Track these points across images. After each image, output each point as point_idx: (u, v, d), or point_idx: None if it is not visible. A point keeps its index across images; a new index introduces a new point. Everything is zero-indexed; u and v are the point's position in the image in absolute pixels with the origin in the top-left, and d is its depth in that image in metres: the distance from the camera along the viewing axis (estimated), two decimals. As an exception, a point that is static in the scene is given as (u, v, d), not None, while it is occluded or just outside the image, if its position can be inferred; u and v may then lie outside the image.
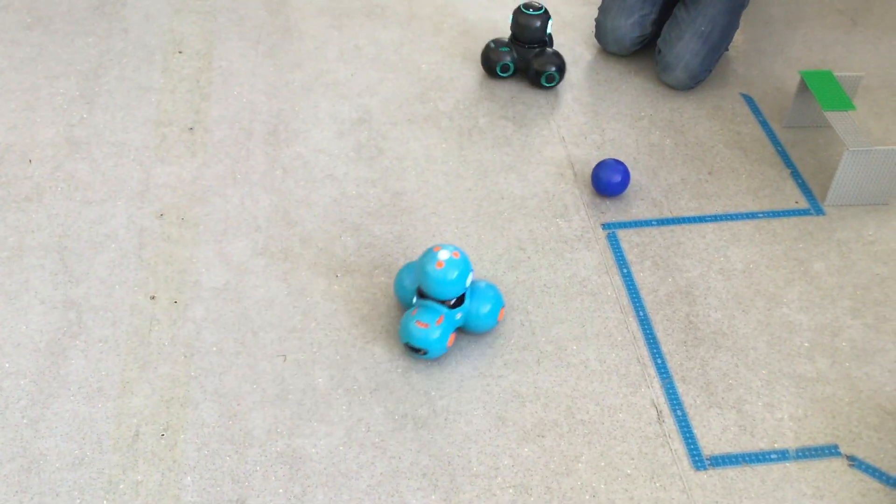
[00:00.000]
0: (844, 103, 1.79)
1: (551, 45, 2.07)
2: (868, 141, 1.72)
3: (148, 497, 1.31)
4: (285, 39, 2.17)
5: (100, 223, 1.70)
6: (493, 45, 2.05)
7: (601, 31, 2.12)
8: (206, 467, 1.34)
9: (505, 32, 2.18)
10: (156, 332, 1.51)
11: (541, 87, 2.04)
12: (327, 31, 2.20)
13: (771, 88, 2.07)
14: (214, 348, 1.49)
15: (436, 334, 1.44)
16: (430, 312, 1.45)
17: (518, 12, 2.01)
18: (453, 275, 1.43)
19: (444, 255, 1.44)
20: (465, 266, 1.45)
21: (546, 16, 2.01)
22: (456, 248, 1.46)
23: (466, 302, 1.49)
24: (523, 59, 2.04)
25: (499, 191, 1.80)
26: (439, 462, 1.36)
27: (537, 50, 2.03)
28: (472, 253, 1.67)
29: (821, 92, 1.82)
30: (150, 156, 1.85)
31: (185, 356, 1.48)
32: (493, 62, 2.04)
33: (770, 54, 2.18)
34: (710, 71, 2.04)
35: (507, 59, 2.03)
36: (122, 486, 1.32)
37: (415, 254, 1.66)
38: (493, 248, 1.69)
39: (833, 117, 1.76)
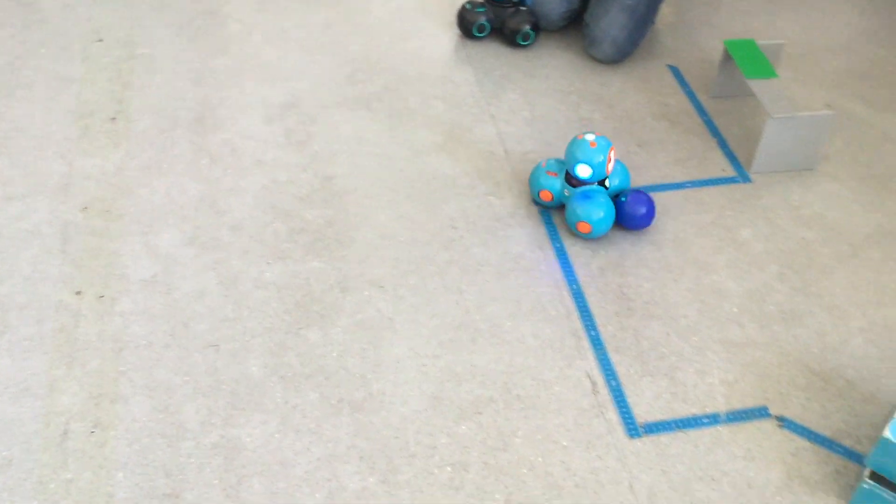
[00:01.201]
0: (767, 71, 1.82)
1: (525, 3, 2.09)
2: (791, 107, 1.75)
3: (79, 496, 1.28)
4: (210, 24, 2.13)
5: (21, 219, 1.66)
6: (468, 5, 2.07)
7: (531, 5, 2.12)
8: (138, 462, 1.32)
9: (434, 12, 2.17)
10: (82, 328, 1.48)
11: (516, 45, 2.08)
12: (253, 15, 2.17)
13: (697, 59, 2.09)
14: (144, 342, 1.47)
15: (539, 175, 1.67)
16: (558, 165, 1.67)
17: None
18: (571, 150, 1.61)
19: (588, 136, 1.61)
20: (583, 153, 1.59)
21: None
22: (600, 140, 1.60)
23: (578, 190, 1.63)
24: (498, 18, 2.07)
25: (430, 171, 1.80)
26: (376, 444, 1.35)
27: (512, 9, 2.06)
28: (405, 234, 1.66)
29: (744, 61, 1.84)
30: (72, 148, 1.80)
31: (114, 351, 1.45)
32: (469, 23, 2.07)
33: (695, 25, 2.20)
34: (637, 45, 2.05)
35: (483, 20, 2.06)
36: (52, 486, 1.29)
37: (347, 237, 1.65)
38: (427, 227, 1.68)
39: (756, 85, 1.79)
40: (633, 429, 1.39)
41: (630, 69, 2.06)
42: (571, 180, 1.65)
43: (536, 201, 1.70)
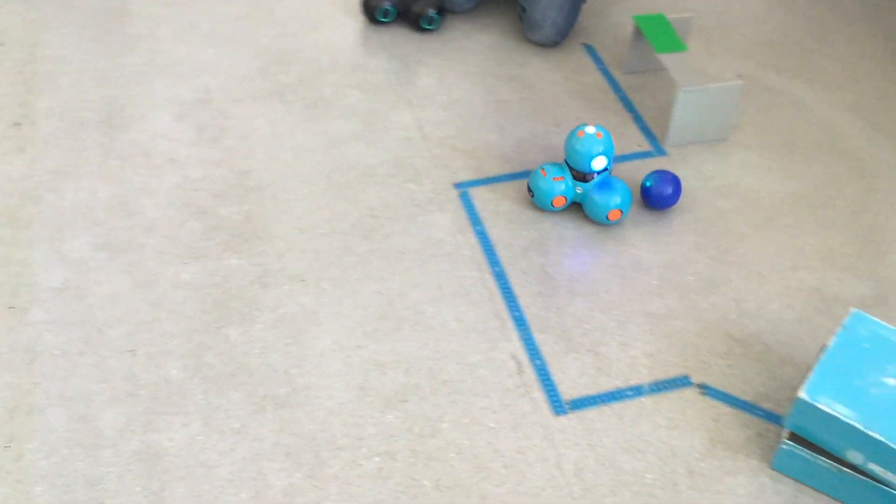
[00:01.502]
0: (677, 45, 1.84)
1: None
2: (700, 79, 1.77)
3: (-5, 514, 1.24)
4: (115, 23, 2.08)
5: (-77, 233, 1.60)
6: None
7: None
8: (57, 474, 1.28)
9: (342, 4, 2.15)
10: (-8, 341, 1.44)
11: (421, 30, 2.06)
12: (159, 11, 2.11)
13: (610, 36, 2.11)
14: (58, 351, 1.43)
15: (546, 185, 1.63)
16: (557, 169, 1.64)
17: None
18: (583, 147, 1.59)
19: (589, 129, 1.60)
20: (595, 146, 1.59)
21: None
22: (602, 130, 1.60)
23: (592, 184, 1.62)
24: (403, 2, 2.05)
25: (348, 161, 1.78)
26: (302, 440, 1.34)
27: None
28: (324, 226, 1.64)
29: (654, 35, 1.86)
30: (-25, 156, 1.74)
31: (26, 362, 1.41)
32: (373, 8, 2.05)
33: (608, 3, 2.22)
34: (574, 25, 2.06)
35: (387, 4, 2.04)
36: (-34, 506, 1.25)
37: (266, 232, 1.63)
38: (346, 218, 1.66)
39: (666, 59, 1.81)
40: (559, 406, 1.39)
41: (545, 50, 2.06)
42: (580, 176, 1.63)
43: (548, 209, 1.66)
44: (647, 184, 1.67)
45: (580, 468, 1.32)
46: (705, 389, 1.42)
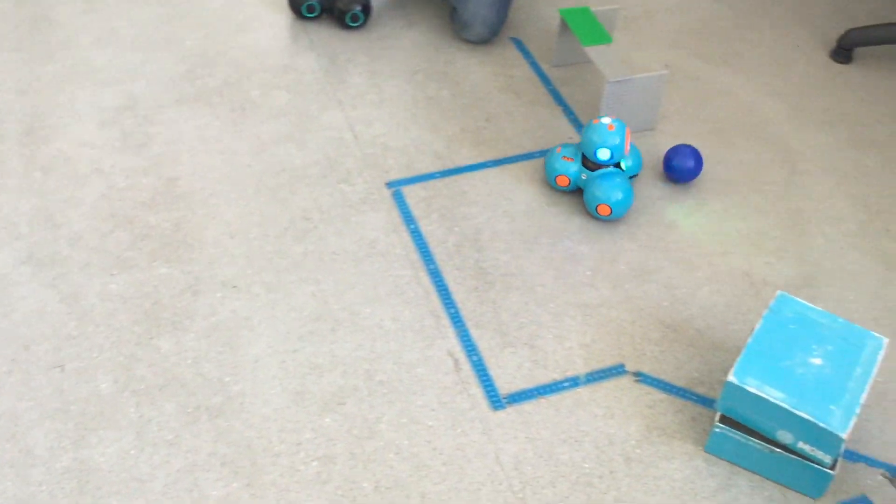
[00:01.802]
0: (602, 37, 1.85)
1: None
2: (626, 70, 1.78)
3: (-80, 542, 1.21)
4: (34, 30, 2.02)
5: None
6: None
7: None
8: (-16, 498, 1.25)
9: (268, 4, 2.12)
10: (-88, 364, 1.39)
11: (346, 27, 2.05)
12: (80, 17, 2.07)
13: (537, 30, 2.12)
14: (-18, 370, 1.39)
15: (554, 162, 1.67)
16: (571, 150, 1.66)
17: None
18: (592, 135, 1.61)
19: (605, 119, 1.62)
20: (603, 136, 1.60)
21: None
22: (617, 123, 1.61)
23: (596, 173, 1.63)
24: None
25: (278, 163, 1.76)
26: (238, 448, 1.32)
27: None
28: (256, 230, 1.62)
29: (580, 28, 1.87)
30: None
31: (-51, 384, 1.37)
32: (299, 3, 2.04)
33: (536, -4, 2.23)
34: (505, 20, 2.06)
35: (313, 0, 2.02)
36: None
37: (196, 239, 1.60)
38: (278, 221, 1.65)
39: (592, 52, 1.82)
40: (497, 401, 1.40)
41: (474, 45, 2.06)
42: (588, 164, 1.64)
43: (554, 187, 1.69)
44: (670, 156, 1.72)
45: (519, 462, 1.32)
46: (640, 377, 1.43)
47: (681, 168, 1.71)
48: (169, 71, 1.94)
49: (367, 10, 2.05)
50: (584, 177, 1.66)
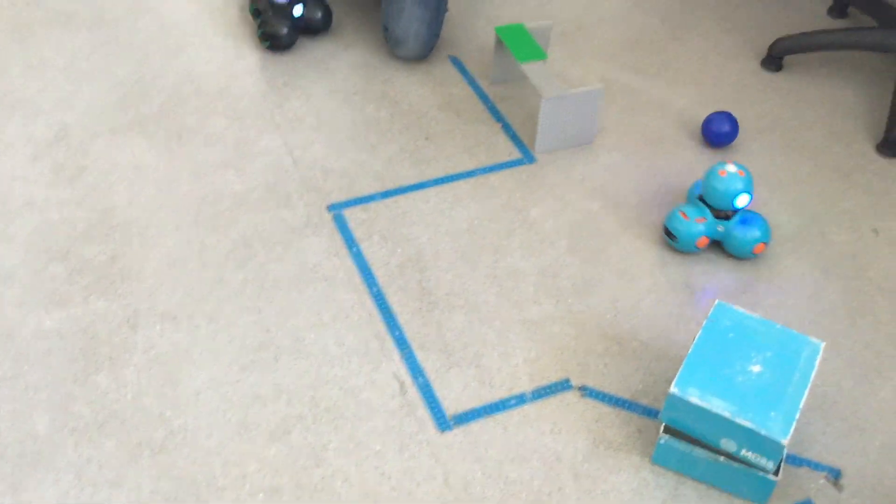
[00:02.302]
0: (537, 53, 1.87)
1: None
2: (562, 87, 1.80)
3: None
4: (-40, 62, 1.98)
5: None
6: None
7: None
8: (-84, 550, 1.21)
9: (207, 22, 2.10)
10: None
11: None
12: (7, 47, 2.02)
13: (475, 48, 2.13)
14: (-89, 417, 1.34)
15: (690, 228, 1.61)
16: (697, 210, 1.62)
17: None
18: (726, 186, 1.59)
19: (731, 167, 1.60)
20: (737, 184, 1.59)
21: None
22: (743, 168, 1.61)
23: (734, 220, 1.62)
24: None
25: (217, 190, 1.74)
26: (182, 483, 1.29)
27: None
28: (195, 259, 1.60)
29: (515, 45, 1.89)
30: None
31: None
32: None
33: (472, 13, 2.24)
34: (439, 35, 2.06)
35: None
36: None
37: (133, 271, 1.57)
38: (218, 249, 1.62)
39: (528, 68, 1.83)
40: (444, 423, 1.39)
41: (412, 64, 2.07)
42: (720, 214, 1.62)
43: (693, 251, 1.64)
44: (710, 121, 1.85)
45: (468, 482, 1.32)
46: (585, 391, 1.44)
47: (718, 132, 1.85)
48: (102, 100, 1.91)
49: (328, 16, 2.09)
50: (720, 228, 1.63)
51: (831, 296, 1.60)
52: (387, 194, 1.75)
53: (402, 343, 1.50)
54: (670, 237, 1.64)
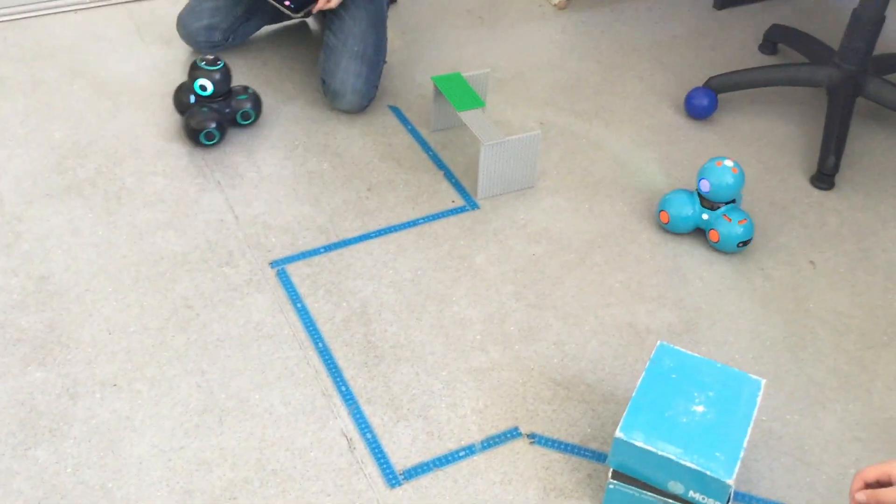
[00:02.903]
0: (475, 101, 1.89)
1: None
2: (500, 133, 1.82)
3: None
4: None
5: None
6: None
7: (177, 26, 2.19)
8: None
9: (145, 82, 2.09)
10: None
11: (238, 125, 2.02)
12: (-61, 115, 2.00)
13: (415, 96, 2.14)
14: None
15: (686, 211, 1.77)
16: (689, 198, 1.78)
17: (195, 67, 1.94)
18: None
19: (728, 162, 1.73)
20: (724, 180, 1.73)
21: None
22: (738, 166, 1.74)
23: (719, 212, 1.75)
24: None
25: (157, 251, 1.72)
26: (125, 558, 1.26)
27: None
28: (134, 323, 1.57)
29: (453, 94, 1.91)
30: None
31: None
32: (198, 130, 1.92)
33: (410, 63, 2.26)
34: (377, 86, 2.08)
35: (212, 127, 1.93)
36: None
37: (72, 339, 1.54)
38: (159, 312, 1.60)
39: (466, 116, 1.85)
40: (393, 478, 1.38)
41: (353, 115, 2.07)
42: (707, 204, 1.77)
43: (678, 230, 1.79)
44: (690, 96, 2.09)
45: (419, 540, 1.30)
46: (534, 438, 1.44)
47: (698, 105, 2.08)
48: (36, 164, 1.88)
49: (222, 128, 1.95)
50: (705, 217, 1.76)
51: (772, 330, 1.62)
52: (330, 248, 1.75)
53: (349, 399, 1.48)
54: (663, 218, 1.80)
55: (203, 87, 1.92)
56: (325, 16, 2.11)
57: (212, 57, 1.93)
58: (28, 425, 1.41)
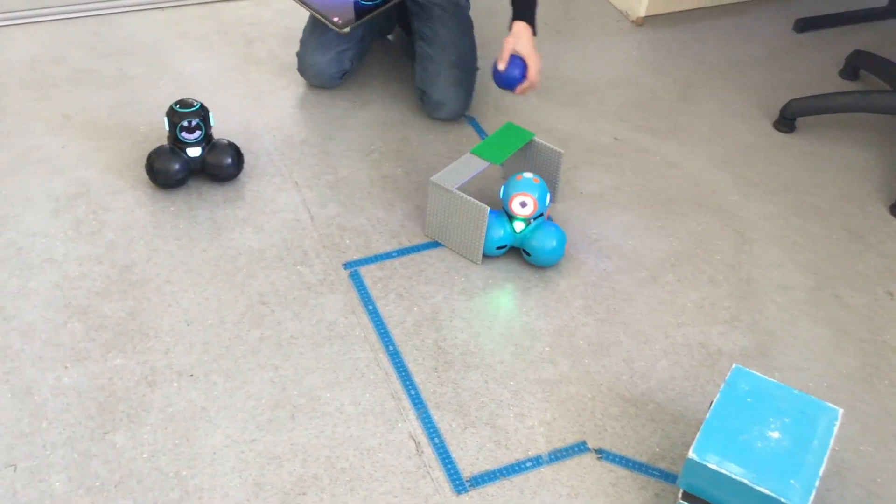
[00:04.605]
0: (494, 156, 1.79)
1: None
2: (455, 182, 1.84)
3: None
4: (-16, 118, 2.02)
5: None
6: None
7: (301, 66, 2.14)
8: None
9: (226, 81, 2.14)
10: None
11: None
12: (31, 105, 2.06)
13: (490, 108, 2.16)
14: (-72, 474, 1.35)
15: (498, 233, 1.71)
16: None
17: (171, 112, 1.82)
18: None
19: (527, 174, 1.71)
20: (538, 193, 1.69)
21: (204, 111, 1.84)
22: (537, 175, 1.72)
23: (531, 231, 1.71)
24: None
25: (235, 247, 1.75)
26: (197, 545, 1.29)
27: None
28: (212, 316, 1.61)
29: (499, 143, 1.82)
30: None
31: None
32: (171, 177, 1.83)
33: (487, 75, 2.27)
34: (473, 94, 2.09)
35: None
36: None
37: (151, 328, 1.58)
38: (235, 307, 1.63)
39: (470, 158, 1.77)
40: (460, 484, 1.38)
41: (429, 124, 2.09)
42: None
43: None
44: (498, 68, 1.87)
45: (484, 547, 1.31)
46: (602, 454, 1.43)
47: (507, 76, 1.87)
48: (122, 157, 1.94)
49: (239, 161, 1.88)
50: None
51: (847, 359, 1.60)
52: (403, 252, 1.77)
53: (417, 402, 1.50)
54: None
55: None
56: (415, 25, 2.12)
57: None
58: (107, 410, 1.45)
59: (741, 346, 1.61)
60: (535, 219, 1.71)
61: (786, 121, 2.13)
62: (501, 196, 1.72)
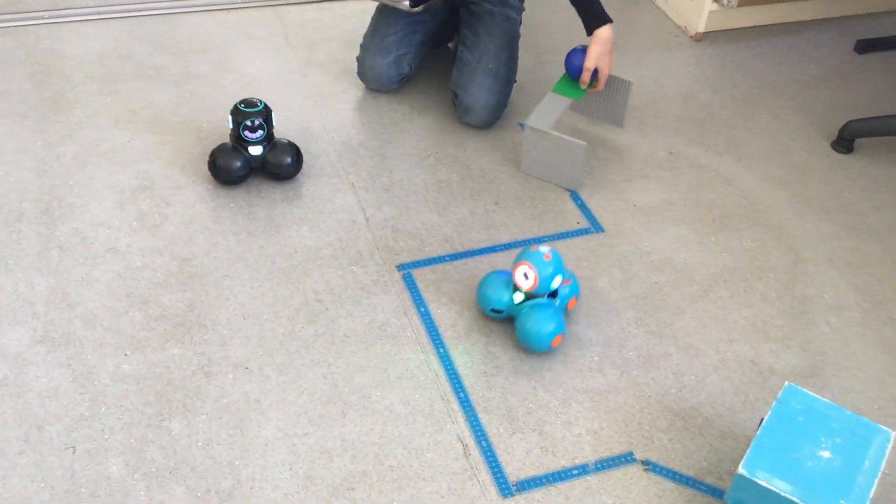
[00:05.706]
0: (574, 92, 1.99)
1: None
2: (549, 123, 1.90)
3: None
4: (54, 111, 2.08)
5: None
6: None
7: (361, 69, 2.17)
8: (-9, 583, 1.24)
9: (288, 83, 2.18)
10: (-76, 443, 1.40)
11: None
12: (99, 98, 2.12)
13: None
14: (-6, 451, 1.39)
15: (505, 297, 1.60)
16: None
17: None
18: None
19: (544, 248, 1.57)
20: (544, 270, 1.55)
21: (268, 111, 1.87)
22: (552, 252, 1.57)
23: (527, 307, 1.59)
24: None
25: (291, 244, 1.79)
26: (248, 533, 1.32)
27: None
28: (268, 311, 1.65)
29: (563, 87, 2.01)
30: None
31: (-39, 464, 1.37)
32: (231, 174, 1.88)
33: (542, 83, 2.29)
34: (506, 104, 2.12)
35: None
36: None
37: (208, 320, 1.62)
38: (290, 303, 1.67)
39: (553, 97, 1.97)
40: (506, 488, 1.40)
41: (483, 130, 2.12)
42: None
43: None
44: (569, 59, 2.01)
45: (529, 551, 1.32)
46: (649, 465, 1.44)
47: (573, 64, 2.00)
48: (186, 152, 1.99)
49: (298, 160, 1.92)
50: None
51: (901, 383, 1.59)
52: (456, 256, 1.79)
53: (466, 405, 1.51)
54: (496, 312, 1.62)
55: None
56: (461, 31, 2.15)
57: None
58: (164, 398, 1.49)
59: (792, 364, 1.60)
60: (539, 295, 1.59)
61: (844, 141, 2.12)
62: (513, 262, 1.61)
